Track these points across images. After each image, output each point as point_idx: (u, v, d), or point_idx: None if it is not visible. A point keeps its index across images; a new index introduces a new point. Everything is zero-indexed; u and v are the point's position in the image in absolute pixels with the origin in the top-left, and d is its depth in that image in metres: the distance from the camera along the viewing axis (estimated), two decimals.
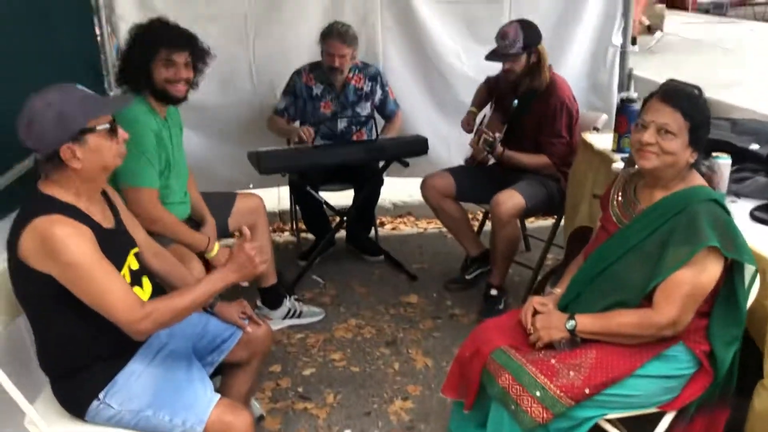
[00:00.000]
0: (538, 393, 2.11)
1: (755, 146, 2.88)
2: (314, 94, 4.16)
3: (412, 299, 4.04)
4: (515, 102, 3.75)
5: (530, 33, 3.63)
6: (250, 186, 4.36)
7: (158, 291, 2.27)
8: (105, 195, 2.20)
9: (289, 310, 3.75)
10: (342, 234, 4.60)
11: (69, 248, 1.88)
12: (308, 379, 3.29)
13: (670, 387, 2.19)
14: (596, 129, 3.80)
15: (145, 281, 2.23)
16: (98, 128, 1.98)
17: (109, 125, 2.02)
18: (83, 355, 2.07)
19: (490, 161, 3.96)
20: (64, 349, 2.07)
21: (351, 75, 4.16)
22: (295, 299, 3.84)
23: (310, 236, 4.65)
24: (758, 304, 2.16)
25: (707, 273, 2.07)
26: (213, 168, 4.40)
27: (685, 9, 19.07)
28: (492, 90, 4.09)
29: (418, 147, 4.04)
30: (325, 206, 4.26)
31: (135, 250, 2.22)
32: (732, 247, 2.05)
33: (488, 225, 4.10)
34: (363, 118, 4.24)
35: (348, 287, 4.21)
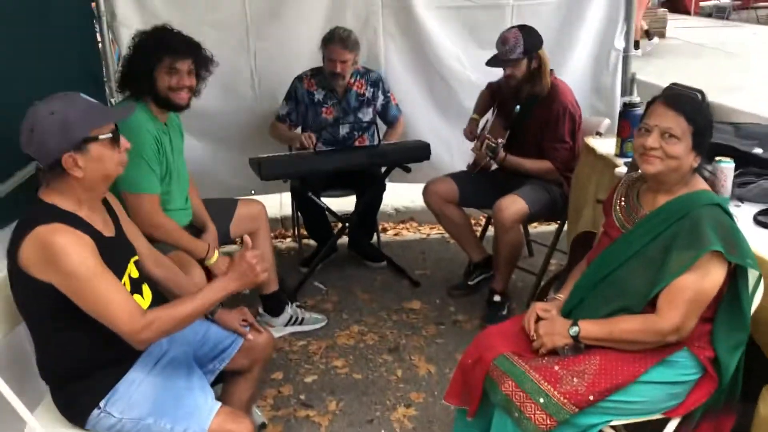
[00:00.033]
0: (542, 400, 2.09)
1: (758, 150, 2.87)
2: (316, 100, 4.15)
3: (415, 305, 4.03)
4: (517, 107, 3.73)
5: (530, 38, 3.62)
6: (252, 192, 4.35)
7: (158, 298, 2.26)
8: (105, 202, 2.19)
9: (291, 317, 3.73)
10: (344, 240, 4.59)
11: (70, 257, 1.87)
12: (310, 387, 3.28)
13: (675, 393, 2.17)
14: (599, 133, 3.78)
15: (145, 289, 2.22)
16: (101, 137, 1.97)
17: (112, 134, 2.01)
18: (84, 364, 2.07)
19: (493, 167, 3.95)
20: (65, 358, 2.06)
21: (353, 80, 4.15)
22: (297, 306, 3.83)
23: (312, 242, 4.64)
24: (762, 309, 2.14)
25: (711, 278, 2.05)
26: (214, 174, 4.39)
27: (687, 13, 19.06)
28: (494, 95, 4.08)
29: (421, 152, 4.03)
30: (327, 212, 4.25)
31: (135, 258, 2.22)
32: (735, 252, 2.04)
33: (491, 230, 4.09)
34: (365, 124, 4.23)
35: (350, 294, 4.20)
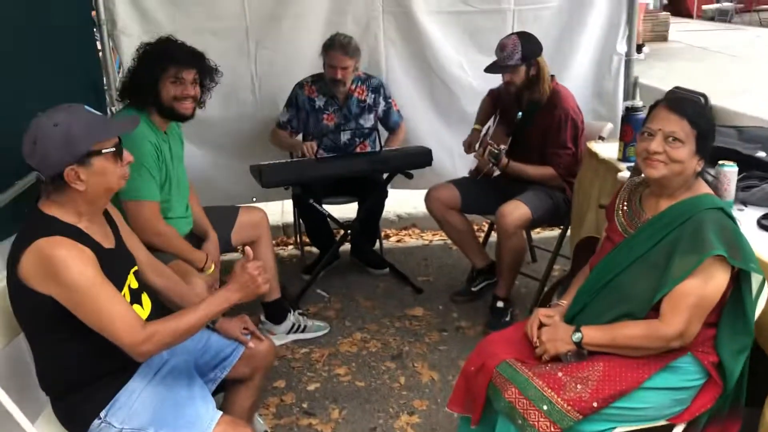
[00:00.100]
0: (546, 407, 2.08)
1: (762, 154, 2.86)
2: (317, 107, 4.15)
3: (418, 312, 4.01)
4: (519, 114, 3.72)
5: (529, 45, 3.61)
6: (253, 200, 4.34)
7: (158, 308, 2.25)
8: (105, 213, 2.18)
9: (294, 325, 3.72)
10: (346, 247, 4.58)
11: (71, 270, 1.87)
12: (313, 395, 3.26)
13: (680, 399, 2.16)
14: (601, 138, 3.77)
15: (145, 299, 2.21)
16: (104, 151, 1.96)
17: (115, 148, 2.00)
18: (84, 374, 2.06)
19: (495, 173, 3.93)
20: (64, 369, 2.05)
21: (354, 87, 4.15)
22: (300, 313, 3.82)
23: (314, 250, 4.63)
24: (766, 314, 2.12)
25: (714, 282, 2.04)
26: (215, 182, 4.38)
27: (690, 16, 19.07)
28: (496, 102, 4.07)
29: (422, 158, 4.02)
30: (329, 219, 4.24)
31: (134, 269, 2.21)
32: (739, 256, 2.03)
33: (494, 236, 4.08)
34: (366, 130, 4.21)
35: (353, 301, 4.19)
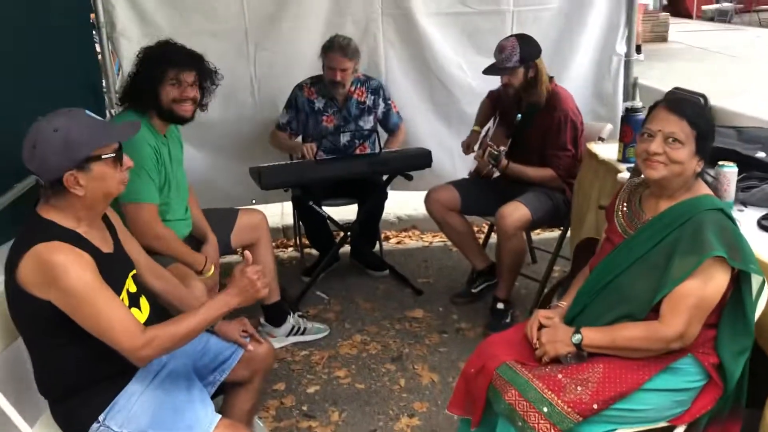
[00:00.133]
0: (546, 409, 2.07)
1: (761, 154, 2.86)
2: (316, 108, 4.14)
3: (418, 314, 4.00)
4: (519, 116, 3.72)
5: (528, 47, 3.61)
6: (253, 202, 4.34)
7: (156, 311, 2.24)
8: (104, 217, 2.17)
9: (293, 327, 3.71)
10: (346, 249, 4.57)
11: (69, 276, 1.86)
12: (313, 397, 3.26)
13: (680, 400, 2.15)
14: (601, 139, 3.76)
15: (143, 302, 2.20)
16: (104, 157, 1.95)
17: (115, 154, 1.99)
18: (82, 378, 2.05)
19: (495, 174, 3.93)
20: (63, 373, 2.05)
21: (353, 88, 4.14)
22: (299, 316, 3.81)
23: (314, 252, 4.62)
24: (767, 315, 2.11)
25: (713, 284, 2.03)
26: (215, 184, 4.38)
27: (690, 17, 19.09)
28: (495, 104, 4.06)
29: (422, 160, 4.01)
30: (329, 221, 4.23)
31: (133, 272, 2.20)
32: (738, 257, 2.02)
33: (494, 238, 4.07)
34: (366, 132, 4.21)
35: (353, 303, 4.18)
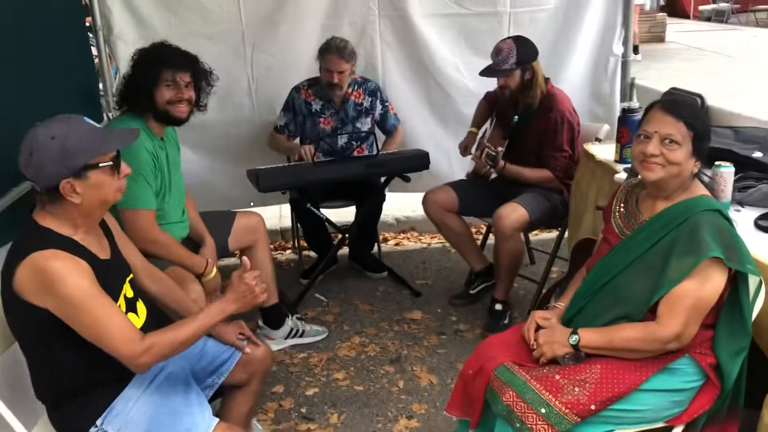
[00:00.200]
0: (543, 410, 2.07)
1: (758, 154, 2.86)
2: (314, 110, 4.14)
3: (416, 315, 4.00)
4: (515, 117, 3.72)
5: (525, 49, 3.61)
6: (251, 204, 4.34)
7: (153, 316, 2.24)
8: (101, 222, 2.16)
9: (292, 330, 3.71)
10: (344, 251, 4.57)
11: (66, 284, 1.85)
12: (311, 399, 3.25)
13: (678, 401, 2.15)
14: (598, 140, 3.77)
15: (140, 307, 2.20)
16: (101, 165, 1.94)
17: (112, 162, 1.98)
18: (79, 383, 2.04)
19: (492, 175, 3.93)
20: (60, 378, 2.04)
21: (350, 90, 4.14)
22: (298, 318, 3.80)
23: (312, 254, 4.62)
24: (764, 315, 2.12)
25: (711, 284, 2.03)
26: (212, 187, 4.37)
27: (687, 17, 19.10)
28: (492, 105, 4.06)
29: (420, 162, 4.01)
30: (327, 223, 4.23)
31: (130, 277, 2.20)
32: (735, 258, 2.02)
33: (491, 239, 4.07)
34: (363, 134, 4.21)
35: (351, 305, 4.17)
